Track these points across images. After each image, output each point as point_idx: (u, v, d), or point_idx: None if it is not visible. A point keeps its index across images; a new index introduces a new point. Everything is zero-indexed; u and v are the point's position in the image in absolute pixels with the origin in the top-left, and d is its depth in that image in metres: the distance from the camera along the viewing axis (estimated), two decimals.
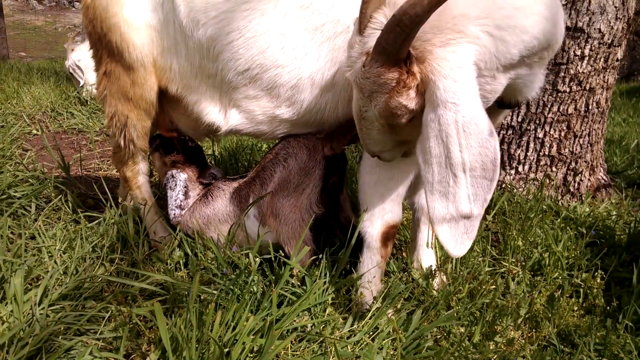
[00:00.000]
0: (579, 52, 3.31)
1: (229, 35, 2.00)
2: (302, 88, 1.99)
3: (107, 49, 2.22)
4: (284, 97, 2.03)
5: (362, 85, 1.54)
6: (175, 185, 2.33)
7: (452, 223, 1.48)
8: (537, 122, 3.47)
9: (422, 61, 1.43)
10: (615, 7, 3.26)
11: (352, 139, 2.07)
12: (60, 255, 2.31)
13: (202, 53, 2.07)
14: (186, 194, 2.36)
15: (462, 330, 1.99)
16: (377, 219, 2.03)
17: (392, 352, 1.83)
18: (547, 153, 3.53)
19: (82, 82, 6.30)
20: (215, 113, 2.20)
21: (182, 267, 2.23)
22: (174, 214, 2.33)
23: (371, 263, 2.08)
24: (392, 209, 2.03)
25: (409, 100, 1.47)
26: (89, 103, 5.89)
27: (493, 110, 1.88)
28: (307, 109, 2.03)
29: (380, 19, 1.48)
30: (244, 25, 1.98)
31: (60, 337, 1.75)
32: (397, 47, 1.36)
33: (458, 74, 1.38)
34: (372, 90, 1.51)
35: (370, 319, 1.94)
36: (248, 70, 2.03)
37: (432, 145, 1.42)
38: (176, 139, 2.48)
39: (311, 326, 1.86)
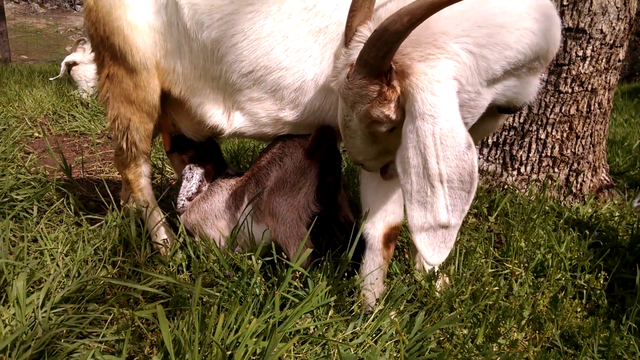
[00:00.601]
0: (580, 53, 3.30)
1: (233, 37, 2.00)
2: (306, 90, 1.99)
3: (109, 52, 2.21)
4: (287, 99, 2.03)
5: (345, 95, 1.58)
6: (192, 177, 2.37)
7: (430, 232, 1.51)
8: (539, 123, 3.47)
9: (402, 74, 1.47)
10: (617, 7, 3.26)
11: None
12: (62, 258, 2.31)
13: (206, 55, 2.07)
14: (199, 189, 2.38)
15: (465, 332, 1.99)
16: (379, 220, 2.03)
17: (395, 354, 1.82)
18: (549, 154, 3.52)
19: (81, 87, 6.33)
20: (218, 115, 2.20)
21: (185, 270, 2.23)
22: (182, 204, 2.35)
23: (373, 265, 2.07)
24: (393, 210, 2.03)
25: (390, 111, 1.52)
26: (90, 106, 5.90)
27: (494, 114, 1.89)
28: (311, 111, 2.03)
29: (365, 32, 1.53)
30: (249, 27, 1.98)
31: (62, 340, 1.75)
32: (378, 60, 1.41)
33: (436, 88, 1.41)
34: (355, 101, 1.56)
35: (373, 321, 1.94)
36: (252, 73, 2.02)
37: (410, 155, 1.45)
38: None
39: (314, 328, 1.86)
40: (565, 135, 3.47)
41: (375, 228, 2.04)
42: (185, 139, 2.48)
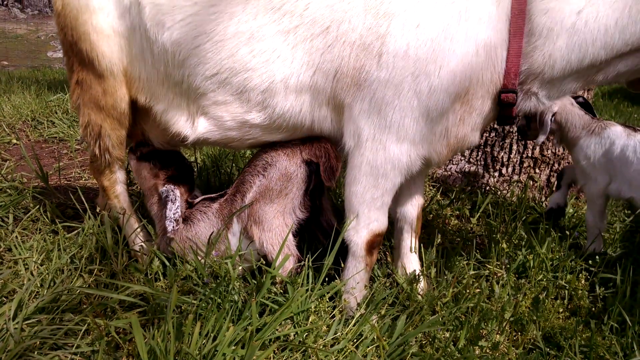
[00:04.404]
0: None
1: (196, 39, 1.96)
2: (274, 91, 1.96)
3: (78, 58, 2.17)
4: (254, 101, 2.00)
5: None
6: (176, 199, 2.27)
7: None
8: None
9: None
10: None
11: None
12: (37, 267, 2.26)
13: (167, 59, 2.02)
14: (181, 211, 2.31)
15: (447, 335, 1.97)
16: (363, 227, 2.01)
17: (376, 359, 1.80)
18: (530, 155, 3.53)
19: None
20: (182, 122, 2.15)
21: (161, 277, 2.19)
22: (173, 226, 2.26)
23: (355, 271, 2.05)
24: (377, 218, 2.01)
25: None
26: (69, 111, 5.82)
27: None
28: (280, 113, 2.00)
29: None
30: (212, 28, 1.94)
31: (35, 352, 1.71)
32: None
33: None
34: None
35: (354, 325, 1.91)
36: (217, 75, 1.99)
37: None
38: (174, 154, 2.41)
39: (294, 335, 1.83)
40: None
41: (359, 235, 2.02)
42: (166, 156, 2.41)
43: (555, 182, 3.09)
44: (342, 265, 2.09)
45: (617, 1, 1.66)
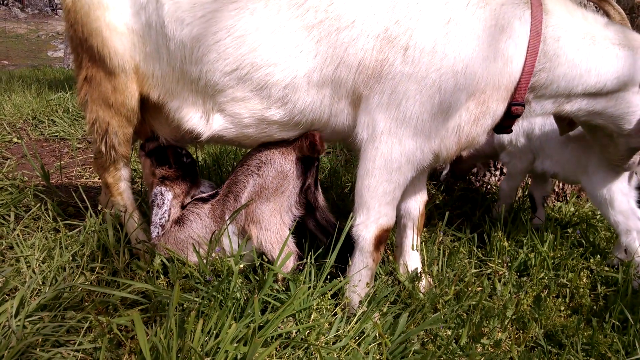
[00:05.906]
0: None
1: (216, 34, 1.95)
2: (297, 87, 1.95)
3: (88, 54, 2.17)
4: (275, 97, 1.99)
5: None
6: (163, 203, 2.26)
7: None
8: None
9: None
10: (596, 7, 3.28)
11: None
12: (39, 265, 2.26)
13: (184, 55, 2.02)
14: (169, 215, 2.30)
15: (449, 332, 1.97)
16: (372, 222, 2.01)
17: (378, 357, 1.80)
18: None
19: None
20: (196, 119, 2.14)
21: (162, 275, 2.19)
22: (157, 232, 2.26)
23: (362, 267, 2.05)
24: (387, 213, 2.01)
25: None
26: (70, 110, 5.81)
27: None
28: (300, 108, 1.99)
29: None
30: (232, 24, 1.94)
31: (38, 349, 1.71)
32: None
33: None
34: None
35: (356, 323, 1.92)
36: (236, 70, 1.98)
37: None
38: (171, 151, 2.39)
39: (296, 332, 1.83)
40: None
41: (368, 230, 2.01)
42: (165, 153, 2.39)
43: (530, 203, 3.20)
44: (350, 261, 2.09)
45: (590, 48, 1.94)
